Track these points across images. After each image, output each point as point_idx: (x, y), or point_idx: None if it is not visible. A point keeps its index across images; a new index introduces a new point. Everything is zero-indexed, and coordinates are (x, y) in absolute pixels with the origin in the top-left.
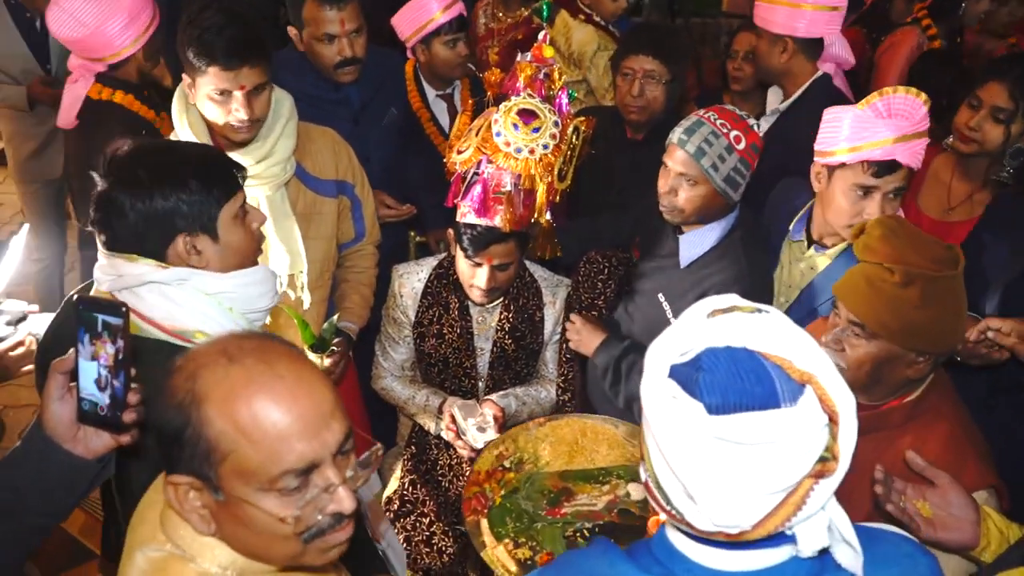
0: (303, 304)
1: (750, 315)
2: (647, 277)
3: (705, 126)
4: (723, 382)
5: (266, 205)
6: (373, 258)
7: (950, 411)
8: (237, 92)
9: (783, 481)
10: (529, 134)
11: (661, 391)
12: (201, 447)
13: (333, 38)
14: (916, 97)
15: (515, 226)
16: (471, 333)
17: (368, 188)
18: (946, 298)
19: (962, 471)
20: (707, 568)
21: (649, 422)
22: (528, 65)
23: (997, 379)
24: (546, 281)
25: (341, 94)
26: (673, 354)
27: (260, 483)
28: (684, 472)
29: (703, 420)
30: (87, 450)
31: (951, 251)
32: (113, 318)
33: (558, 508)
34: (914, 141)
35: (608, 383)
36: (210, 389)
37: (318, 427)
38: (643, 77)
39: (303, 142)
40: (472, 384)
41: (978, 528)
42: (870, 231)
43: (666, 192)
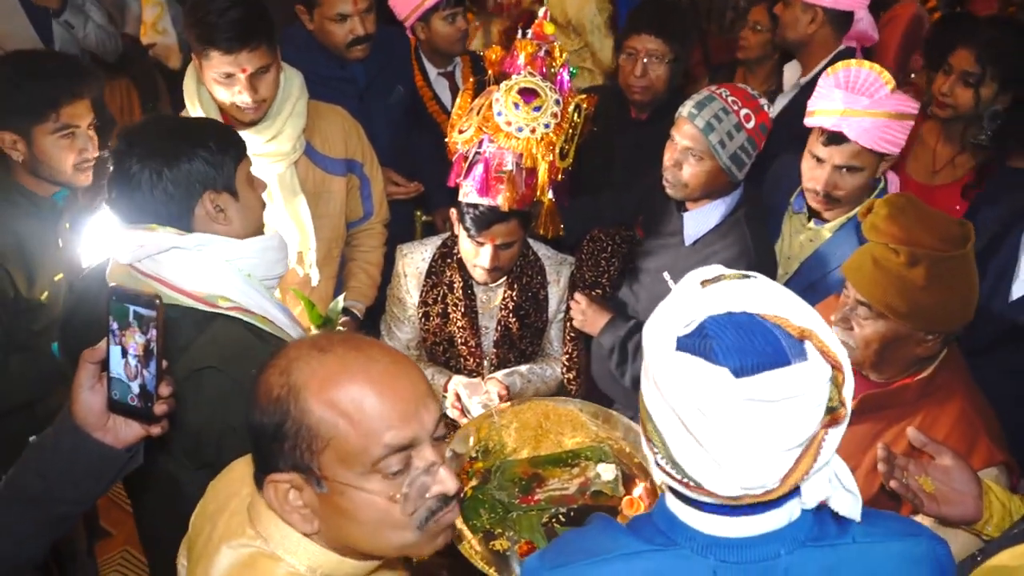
0: (312, 281)
1: (740, 281)
2: (652, 255)
3: (716, 102)
4: (736, 346)
5: (276, 183)
6: (381, 237)
7: (962, 389)
8: (240, 75)
9: (802, 434)
10: (530, 113)
11: (676, 364)
12: (302, 436)
13: (346, 17)
14: (879, 76)
15: (517, 205)
16: (475, 312)
17: (377, 167)
18: (953, 277)
19: (973, 449)
20: (710, 535)
21: (662, 398)
22: (528, 43)
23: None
24: (550, 259)
25: (347, 72)
26: (676, 327)
27: (363, 466)
28: (711, 439)
29: (731, 384)
30: (116, 439)
31: (963, 228)
32: (146, 310)
33: (531, 495)
34: (867, 119)
35: (614, 363)
36: (306, 379)
37: (415, 406)
38: (646, 57)
39: (313, 120)
40: (477, 363)
41: (980, 502)
42: (877, 210)
43: (671, 166)
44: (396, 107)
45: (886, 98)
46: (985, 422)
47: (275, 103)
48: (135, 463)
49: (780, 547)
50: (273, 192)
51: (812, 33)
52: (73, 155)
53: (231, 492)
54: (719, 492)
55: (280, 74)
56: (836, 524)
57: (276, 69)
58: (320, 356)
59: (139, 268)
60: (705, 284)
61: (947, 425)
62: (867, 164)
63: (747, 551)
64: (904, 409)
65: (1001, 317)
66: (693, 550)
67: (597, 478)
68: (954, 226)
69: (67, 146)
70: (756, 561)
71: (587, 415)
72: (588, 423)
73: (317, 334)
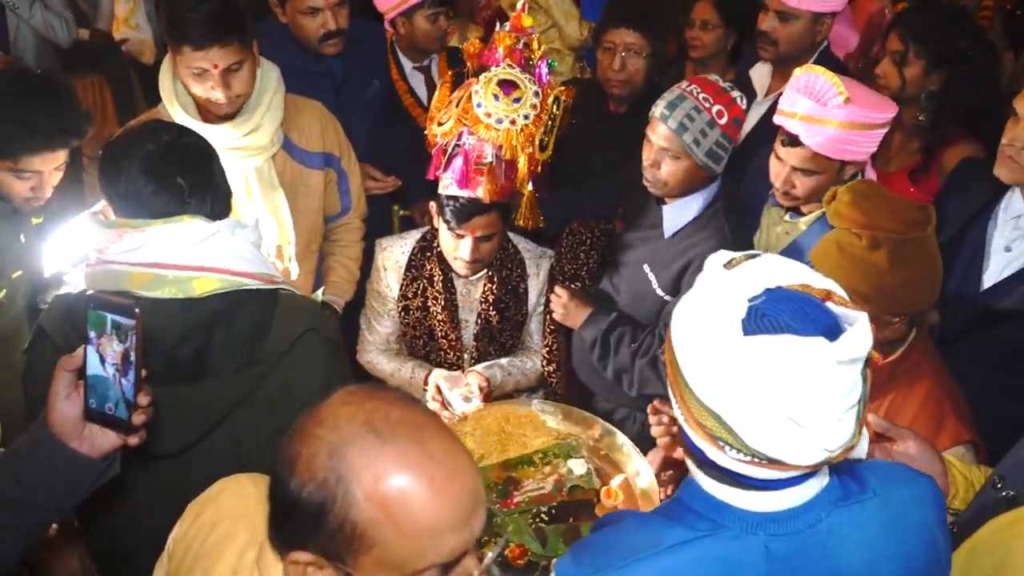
0: (291, 275)
1: (754, 261)
2: (631, 248)
3: (687, 100)
4: (801, 316)
5: (254, 177)
6: (359, 232)
7: (930, 370)
8: (213, 71)
9: (860, 385)
10: (510, 105)
11: (756, 348)
12: (345, 533)
13: (317, 11)
14: (834, 86)
15: (497, 197)
16: (455, 305)
17: (355, 161)
18: (916, 259)
19: (941, 428)
20: (758, 512)
21: (735, 387)
22: (507, 35)
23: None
24: (530, 252)
25: (323, 66)
26: (728, 315)
27: (402, 574)
28: (803, 410)
29: (828, 350)
30: (93, 448)
31: (923, 211)
32: (124, 318)
33: (510, 499)
34: (822, 127)
35: (596, 356)
36: (359, 471)
37: (469, 516)
38: (624, 51)
39: (290, 114)
40: (457, 356)
41: (946, 479)
42: (840, 197)
43: (649, 165)
44: (373, 101)
45: (839, 108)
46: (952, 402)
47: (252, 97)
48: (111, 472)
49: (820, 512)
50: (251, 186)
51: (820, 41)
52: (25, 190)
53: (225, 535)
54: (803, 462)
55: (256, 69)
56: (854, 482)
57: (251, 65)
58: (378, 446)
59: (178, 263)
60: (728, 267)
61: (916, 406)
62: (823, 168)
63: (794, 522)
64: (873, 391)
65: (972, 305)
66: (743, 529)
67: (570, 474)
68: (915, 210)
69: (20, 183)
70: (803, 529)
71: (547, 414)
72: (548, 421)
73: (367, 402)
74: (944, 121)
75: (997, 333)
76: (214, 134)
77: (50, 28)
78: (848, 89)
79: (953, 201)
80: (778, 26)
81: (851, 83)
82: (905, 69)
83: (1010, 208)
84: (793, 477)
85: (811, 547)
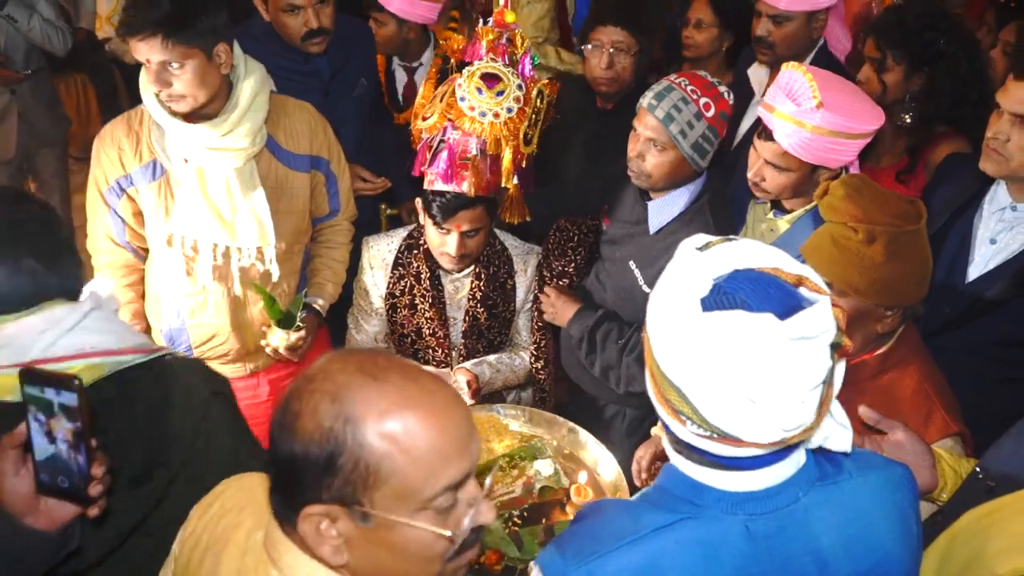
0: (272, 277)
1: (728, 243)
2: (617, 244)
3: (675, 92)
4: (760, 295)
5: (234, 177)
6: (348, 234)
7: (917, 363)
8: (148, 65)
9: (824, 368)
10: (493, 98)
11: (711, 324)
12: (359, 472)
13: (297, 8)
14: (809, 88)
15: (482, 191)
16: (443, 303)
17: (344, 164)
18: (910, 252)
19: (929, 421)
20: (737, 492)
21: (693, 362)
22: (490, 30)
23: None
24: (517, 249)
25: (310, 65)
26: (692, 292)
27: (419, 503)
28: (755, 387)
29: (776, 327)
30: (51, 521)
31: (914, 205)
32: (68, 397)
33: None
34: (791, 125)
35: (584, 352)
36: (364, 410)
37: (468, 440)
38: (612, 48)
39: (277, 115)
40: (446, 354)
41: (935, 471)
42: (834, 191)
43: (635, 156)
44: (360, 100)
45: (812, 112)
46: (940, 395)
47: (233, 96)
48: (72, 544)
49: (798, 490)
50: (232, 187)
51: (816, 38)
52: None
53: (232, 523)
54: (760, 440)
55: (216, 73)
56: (829, 463)
57: (199, 67)
58: (377, 385)
59: (53, 356)
60: (702, 250)
61: (904, 399)
62: (793, 167)
63: (772, 500)
64: (861, 385)
65: (958, 298)
66: (722, 510)
67: (538, 475)
68: (906, 204)
69: None
70: (781, 508)
71: (509, 418)
72: (511, 425)
73: (352, 356)
74: (930, 121)
75: (982, 324)
76: (195, 134)
77: (47, 39)
78: (830, 94)
79: (939, 194)
80: (773, 29)
81: (840, 88)
82: (884, 75)
83: (995, 200)
84: (767, 456)
85: (790, 525)
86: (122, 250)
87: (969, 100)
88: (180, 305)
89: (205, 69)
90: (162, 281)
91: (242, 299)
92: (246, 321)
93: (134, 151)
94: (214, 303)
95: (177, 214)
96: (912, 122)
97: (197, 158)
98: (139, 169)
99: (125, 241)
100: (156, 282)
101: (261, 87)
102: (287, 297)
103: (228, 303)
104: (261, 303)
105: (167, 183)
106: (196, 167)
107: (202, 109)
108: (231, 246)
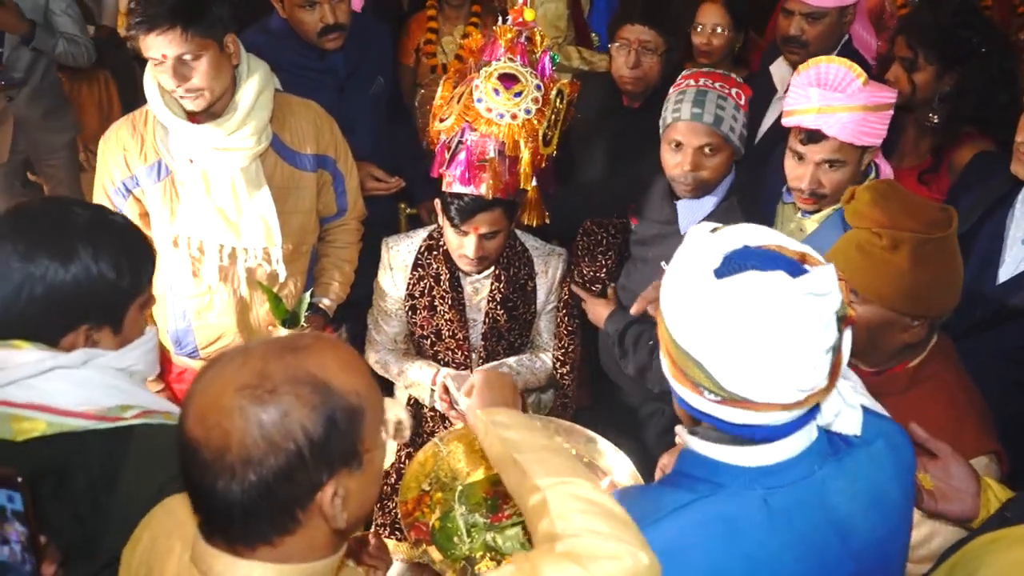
0: (279, 277)
1: (737, 226)
2: (647, 245)
3: (711, 93)
4: (769, 261)
5: (240, 177)
6: (356, 233)
7: (952, 377)
8: (164, 61)
9: (833, 334)
10: (511, 99)
11: (726, 289)
12: (354, 422)
13: (315, 4)
14: (849, 70)
15: (500, 194)
16: (463, 304)
17: (352, 162)
18: (937, 260)
19: (962, 437)
20: (753, 468)
21: (709, 329)
22: (508, 29)
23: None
24: (538, 251)
25: (327, 63)
26: (709, 265)
27: (380, 421)
28: (770, 346)
29: (789, 283)
30: None
31: (945, 212)
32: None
33: (500, 512)
34: (844, 114)
35: (618, 355)
36: (322, 371)
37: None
38: (639, 48)
39: (283, 114)
40: (465, 356)
41: (979, 499)
42: (860, 196)
43: (690, 170)
44: (377, 98)
45: (859, 91)
46: (975, 411)
47: (237, 95)
48: None
49: (813, 463)
50: (238, 186)
51: (844, 32)
52: None
53: (163, 550)
54: (775, 400)
55: (228, 65)
56: (839, 437)
57: (215, 57)
58: (319, 351)
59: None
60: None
61: (937, 414)
62: (849, 158)
63: (788, 473)
64: (893, 398)
65: (987, 300)
66: (741, 486)
67: None
68: (937, 211)
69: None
70: (798, 480)
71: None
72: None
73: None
74: (958, 122)
75: (1012, 328)
76: (200, 134)
77: (70, 58)
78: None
79: (968, 194)
80: (807, 28)
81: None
82: (915, 74)
83: None
84: (780, 427)
85: (808, 498)
86: None
87: (998, 101)
88: (186, 306)
89: (219, 60)
90: (168, 282)
91: (248, 300)
92: (252, 322)
93: (139, 152)
94: (220, 304)
95: (183, 215)
96: (939, 122)
97: (202, 158)
98: (144, 170)
99: None
100: (162, 283)
101: (265, 85)
102: (294, 297)
103: (234, 304)
104: (267, 303)
105: (172, 184)
106: (202, 168)
107: (212, 106)
108: (237, 246)
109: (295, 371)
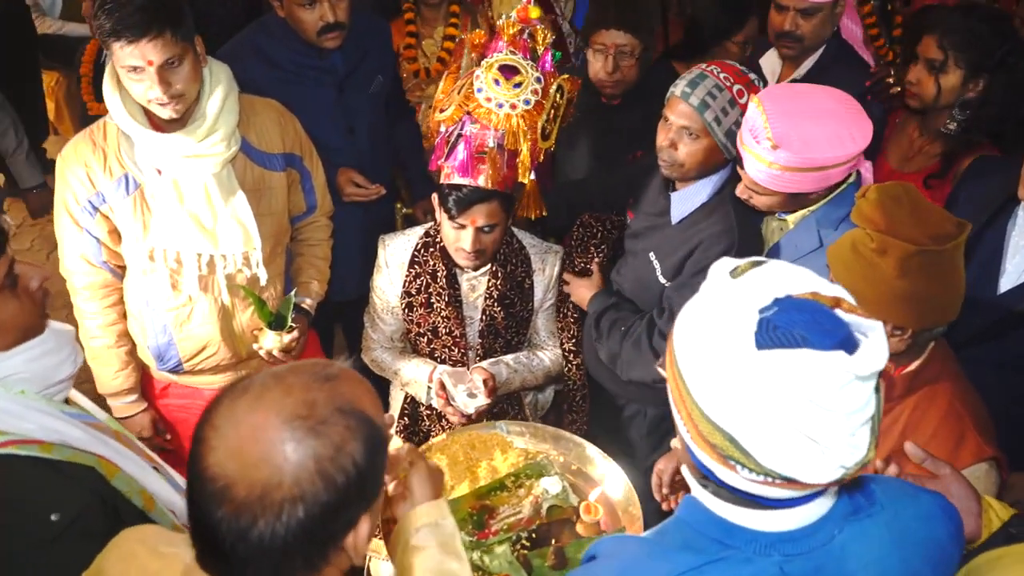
0: (260, 281)
1: (760, 268)
2: (640, 237)
3: (709, 79)
4: (817, 328)
5: (213, 183)
6: (327, 230)
7: (950, 383)
8: (148, 67)
9: (873, 400)
10: (510, 89)
11: (772, 364)
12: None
13: (315, 2)
14: (764, 129)
15: (499, 185)
16: (460, 302)
17: (317, 159)
18: (926, 273)
19: (962, 444)
20: (771, 533)
21: (750, 405)
22: (512, 24)
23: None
24: (535, 248)
25: (326, 62)
26: (743, 329)
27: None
28: (819, 426)
29: (847, 363)
30: None
31: (957, 227)
32: None
33: (487, 529)
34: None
35: (594, 337)
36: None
37: None
38: (615, 53)
39: (247, 115)
40: (462, 354)
41: (980, 520)
42: (868, 195)
43: (667, 146)
44: (376, 97)
45: (770, 151)
46: (974, 417)
47: (203, 100)
48: None
49: (833, 528)
50: (212, 193)
51: (835, 24)
52: None
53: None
54: (819, 480)
55: (200, 67)
56: (861, 495)
57: (192, 60)
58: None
59: None
60: (734, 275)
61: (935, 420)
62: (765, 192)
63: (808, 540)
64: (891, 404)
65: (988, 310)
66: (755, 551)
67: (546, 494)
68: (947, 224)
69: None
70: (817, 548)
71: (514, 435)
72: (516, 442)
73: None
74: (975, 131)
75: (1013, 339)
76: (168, 143)
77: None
78: (786, 127)
79: (967, 199)
80: (802, 23)
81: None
82: (942, 78)
83: None
84: (806, 495)
85: (826, 565)
86: (99, 270)
87: (1017, 115)
88: (166, 319)
89: (196, 63)
90: (144, 297)
91: (231, 307)
92: (236, 329)
93: (103, 167)
94: (201, 314)
95: (156, 227)
96: (956, 129)
97: (171, 168)
98: (111, 185)
99: (102, 261)
100: (137, 299)
101: (231, 88)
102: (275, 300)
103: (217, 312)
104: (250, 310)
105: (142, 197)
106: (172, 177)
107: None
108: (215, 254)
109: (339, 401)
